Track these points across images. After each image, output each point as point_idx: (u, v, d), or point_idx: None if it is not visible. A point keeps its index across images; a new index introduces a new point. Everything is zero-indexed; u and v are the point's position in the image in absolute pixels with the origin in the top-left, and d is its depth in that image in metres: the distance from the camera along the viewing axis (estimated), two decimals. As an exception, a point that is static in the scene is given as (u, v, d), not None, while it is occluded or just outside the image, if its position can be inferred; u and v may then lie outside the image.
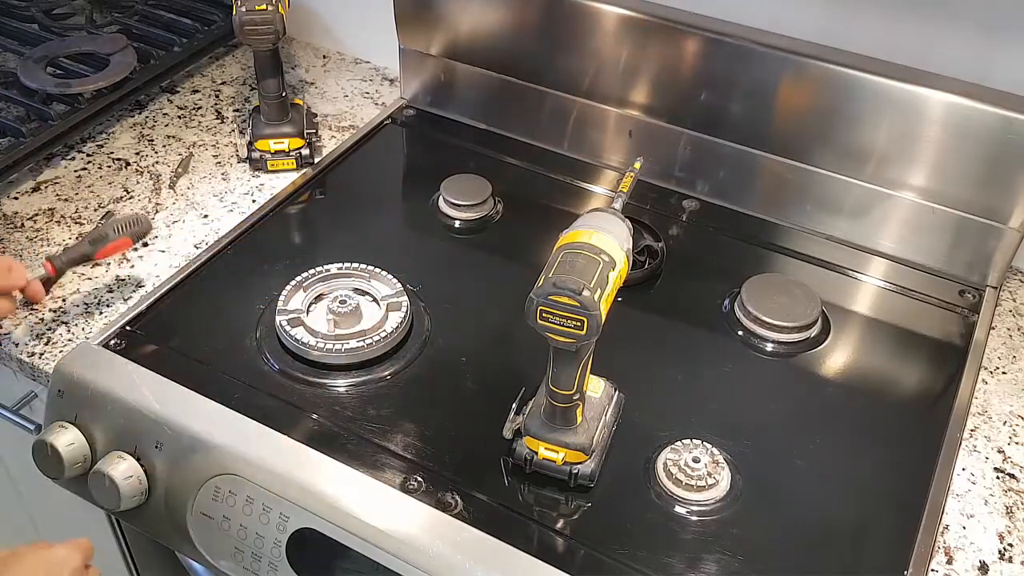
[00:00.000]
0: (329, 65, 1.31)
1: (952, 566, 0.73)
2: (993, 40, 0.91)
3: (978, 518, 0.77)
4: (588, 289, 0.63)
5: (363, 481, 0.75)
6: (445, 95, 1.19)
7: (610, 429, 0.79)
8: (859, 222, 1.01)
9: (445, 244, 1.03)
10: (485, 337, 0.90)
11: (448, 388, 0.85)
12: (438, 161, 1.13)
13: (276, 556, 0.76)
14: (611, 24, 1.02)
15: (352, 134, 1.16)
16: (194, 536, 0.79)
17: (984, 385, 0.89)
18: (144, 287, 0.94)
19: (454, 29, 1.12)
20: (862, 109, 0.94)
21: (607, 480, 0.77)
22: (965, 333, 0.93)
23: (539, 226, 1.04)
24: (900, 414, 0.85)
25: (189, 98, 1.23)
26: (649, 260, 0.97)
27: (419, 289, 0.93)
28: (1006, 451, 0.83)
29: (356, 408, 0.82)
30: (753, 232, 1.04)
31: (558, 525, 0.74)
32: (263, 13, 0.99)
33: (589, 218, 0.69)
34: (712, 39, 0.97)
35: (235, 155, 1.13)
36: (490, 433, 0.77)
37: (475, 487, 0.75)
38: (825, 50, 0.94)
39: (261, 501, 0.75)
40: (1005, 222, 0.94)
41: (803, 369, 0.89)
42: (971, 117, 0.89)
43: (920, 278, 0.99)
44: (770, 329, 0.90)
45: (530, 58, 1.09)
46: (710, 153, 1.05)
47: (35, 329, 0.89)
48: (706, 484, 0.76)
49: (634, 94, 1.05)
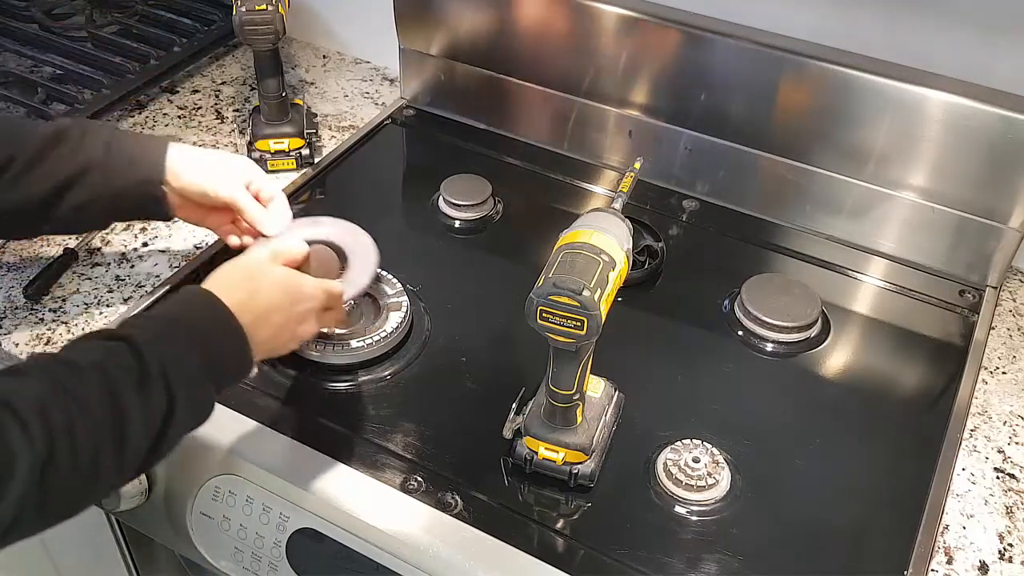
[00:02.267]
0: (329, 65, 1.31)
1: (952, 566, 0.73)
2: (993, 40, 0.91)
3: (978, 518, 0.77)
4: (588, 289, 0.63)
5: (363, 481, 0.75)
6: (445, 95, 1.19)
7: (610, 429, 0.79)
8: (859, 222, 1.01)
9: (445, 244, 1.03)
10: (485, 337, 0.90)
11: (448, 388, 0.85)
12: (438, 161, 1.13)
13: (276, 556, 0.76)
14: (611, 24, 1.02)
15: (352, 134, 1.16)
16: (194, 536, 0.79)
17: (984, 385, 0.89)
18: (144, 287, 0.94)
19: (454, 29, 1.12)
20: (862, 109, 0.94)
21: (607, 480, 0.77)
22: (965, 333, 0.93)
23: (539, 226, 1.04)
24: (900, 414, 0.85)
25: (189, 98, 1.23)
26: (649, 260, 0.97)
27: (419, 289, 0.93)
28: (1006, 451, 0.83)
29: (356, 408, 0.82)
30: (753, 232, 1.04)
31: (558, 525, 0.74)
32: (263, 13, 0.99)
33: (589, 218, 0.69)
34: (712, 39, 0.97)
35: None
36: (490, 433, 0.77)
37: (475, 487, 0.75)
38: (825, 50, 0.94)
39: (261, 501, 0.75)
40: (1005, 222, 0.94)
41: (803, 369, 0.89)
42: (971, 117, 0.89)
43: (920, 278, 0.99)
44: (770, 329, 0.90)
45: (530, 58, 1.09)
46: (710, 153, 1.05)
47: (35, 329, 0.89)
48: (706, 484, 0.76)
49: (634, 94, 1.05)
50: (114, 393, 0.59)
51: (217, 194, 0.81)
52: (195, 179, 0.81)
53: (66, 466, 0.56)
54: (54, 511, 0.58)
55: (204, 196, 0.82)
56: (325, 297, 0.75)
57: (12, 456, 0.53)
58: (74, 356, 0.61)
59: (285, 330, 0.71)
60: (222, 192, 0.81)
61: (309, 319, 0.73)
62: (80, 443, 0.57)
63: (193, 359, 0.63)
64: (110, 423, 0.58)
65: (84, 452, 0.57)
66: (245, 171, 0.83)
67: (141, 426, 0.60)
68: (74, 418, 0.57)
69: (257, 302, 0.69)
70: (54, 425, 0.56)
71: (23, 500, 0.54)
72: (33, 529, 0.58)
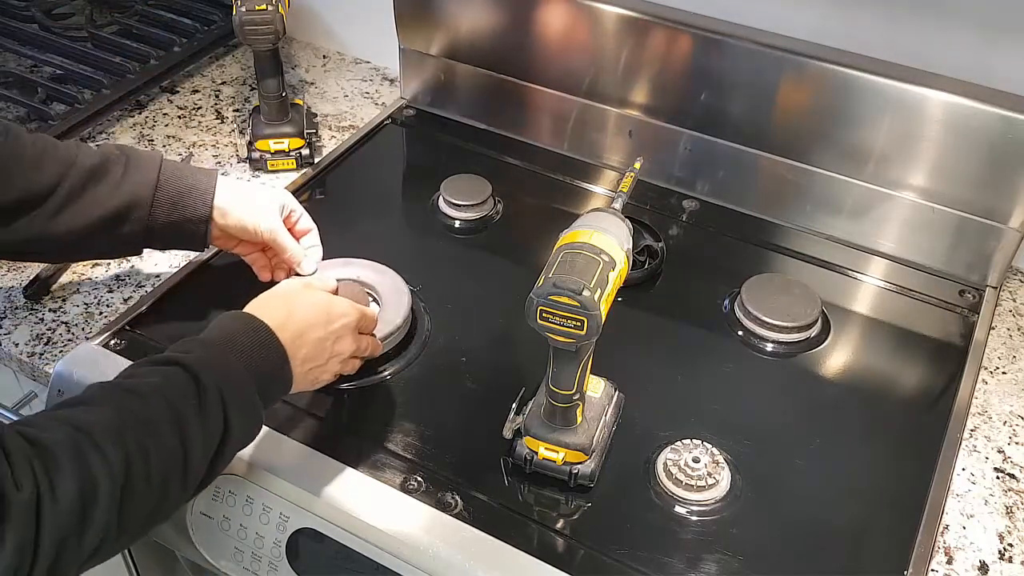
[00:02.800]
0: (329, 65, 1.31)
1: (952, 566, 0.73)
2: (993, 40, 0.91)
3: (978, 518, 0.77)
4: (588, 289, 0.63)
5: (363, 481, 0.75)
6: (445, 95, 1.19)
7: (610, 429, 0.79)
8: (859, 222, 1.01)
9: (445, 244, 1.03)
10: (485, 337, 0.90)
11: (448, 388, 0.85)
12: (438, 161, 1.13)
13: (276, 556, 0.76)
14: (611, 24, 1.02)
15: (352, 134, 1.16)
16: (194, 536, 0.79)
17: (984, 385, 0.89)
18: (144, 287, 0.94)
19: (454, 29, 1.12)
20: (862, 109, 0.94)
21: (607, 480, 0.77)
22: (965, 333, 0.93)
23: (539, 226, 1.04)
24: (900, 414, 0.85)
25: (189, 98, 1.23)
26: (649, 260, 0.97)
27: (419, 289, 0.93)
28: (1006, 451, 0.83)
29: (356, 408, 0.82)
30: (753, 232, 1.04)
31: (558, 525, 0.74)
32: (263, 13, 0.99)
33: (589, 218, 0.69)
34: (712, 39, 0.97)
35: (235, 155, 1.13)
36: (490, 433, 0.77)
37: (475, 487, 0.75)
38: (825, 50, 0.94)
39: (261, 501, 0.75)
40: (1005, 222, 0.94)
41: (803, 369, 0.89)
42: (971, 117, 0.89)
43: (920, 278, 0.99)
44: (770, 329, 0.90)
45: (530, 58, 1.09)
46: (710, 153, 1.05)
47: (35, 329, 0.89)
48: (706, 484, 0.76)
49: (634, 94, 1.05)
50: (179, 419, 0.62)
51: (259, 232, 0.84)
52: (240, 216, 0.84)
53: (141, 490, 0.59)
54: (131, 533, 0.61)
55: (246, 232, 0.84)
56: (358, 315, 0.76)
57: (95, 483, 0.57)
58: (135, 384, 0.63)
59: (323, 348, 0.73)
60: (263, 230, 0.84)
61: (345, 337, 0.75)
62: (152, 467, 0.60)
63: (244, 381, 0.66)
64: (177, 447, 0.61)
65: (156, 475, 0.60)
66: (282, 200, 0.86)
67: (202, 448, 0.63)
68: (146, 444, 0.60)
69: (294, 320, 0.71)
70: (129, 451, 0.59)
71: (107, 525, 0.57)
72: (112, 551, 0.60)
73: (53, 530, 0.55)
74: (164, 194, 0.81)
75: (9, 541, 0.53)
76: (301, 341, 0.71)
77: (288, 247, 0.84)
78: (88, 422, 0.59)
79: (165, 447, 0.61)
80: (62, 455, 0.56)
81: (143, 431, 0.60)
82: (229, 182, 0.85)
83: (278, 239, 0.84)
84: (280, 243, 0.84)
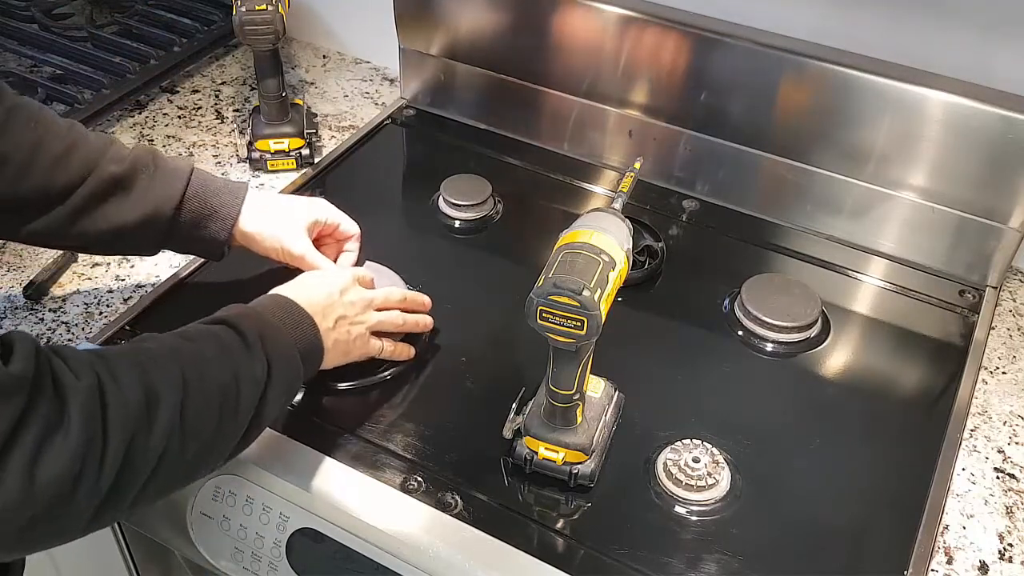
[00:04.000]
0: (329, 65, 1.31)
1: (952, 566, 0.73)
2: (993, 40, 0.91)
3: (978, 518, 0.77)
4: (588, 289, 0.63)
5: (363, 481, 0.75)
6: (445, 95, 1.19)
7: (610, 429, 0.79)
8: (859, 222, 1.01)
9: (445, 244, 1.03)
10: (485, 337, 0.90)
11: (448, 388, 0.85)
12: (438, 161, 1.13)
13: (276, 556, 0.76)
14: (611, 24, 1.02)
15: (352, 134, 1.16)
16: (194, 536, 0.79)
17: (984, 385, 0.89)
18: (144, 287, 0.94)
19: (454, 29, 1.12)
20: (862, 109, 0.94)
21: (607, 480, 0.77)
22: (965, 333, 0.93)
23: (539, 226, 1.04)
24: (900, 414, 0.85)
25: (189, 98, 1.23)
26: (649, 260, 0.97)
27: (419, 289, 0.93)
28: (1006, 451, 0.83)
29: (356, 408, 0.82)
30: (753, 232, 1.04)
31: (558, 525, 0.74)
32: (263, 13, 0.99)
33: (589, 218, 0.69)
34: (712, 39, 0.97)
35: (235, 155, 1.13)
36: (490, 433, 0.77)
37: (475, 487, 0.75)
38: (825, 50, 0.94)
39: (261, 501, 0.75)
40: (1005, 222, 0.94)
41: (803, 369, 0.89)
42: (971, 117, 0.89)
43: (920, 278, 0.99)
44: (770, 329, 0.90)
45: (530, 58, 1.09)
46: (710, 153, 1.05)
47: (35, 329, 0.89)
48: (706, 484, 0.76)
49: (634, 94, 1.05)
50: (228, 356, 0.64)
51: (288, 255, 0.84)
52: (264, 242, 0.84)
53: (200, 407, 0.60)
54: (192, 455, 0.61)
55: (273, 255, 0.85)
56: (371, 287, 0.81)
57: (157, 388, 0.58)
58: (183, 330, 0.66)
59: (344, 320, 0.76)
60: (295, 253, 0.84)
61: (364, 310, 0.78)
62: (208, 391, 0.61)
63: (282, 335, 0.69)
64: (229, 380, 0.63)
65: (212, 399, 0.62)
66: (315, 215, 0.86)
67: (250, 385, 0.64)
68: (201, 370, 0.62)
69: (312, 297, 0.74)
70: (187, 373, 0.60)
71: (172, 428, 0.58)
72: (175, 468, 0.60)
73: (119, 419, 0.55)
74: (186, 213, 0.81)
75: (75, 422, 0.52)
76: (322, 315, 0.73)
77: (319, 267, 0.84)
78: (145, 348, 0.61)
79: (217, 378, 0.62)
80: (122, 362, 0.58)
81: (198, 359, 0.62)
82: (258, 201, 0.84)
83: (307, 260, 0.84)
84: (309, 262, 0.84)
